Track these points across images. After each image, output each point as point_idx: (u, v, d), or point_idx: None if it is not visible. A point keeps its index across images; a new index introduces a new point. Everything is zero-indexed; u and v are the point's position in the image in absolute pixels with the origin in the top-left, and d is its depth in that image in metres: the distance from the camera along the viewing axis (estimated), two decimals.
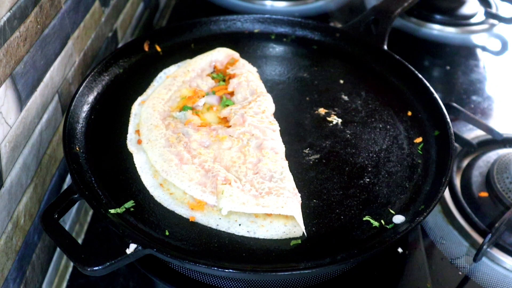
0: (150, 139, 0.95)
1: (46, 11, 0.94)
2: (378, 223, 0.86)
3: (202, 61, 1.15)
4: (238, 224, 0.84)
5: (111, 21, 1.34)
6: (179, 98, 1.05)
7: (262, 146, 0.94)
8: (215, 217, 0.85)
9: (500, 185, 1.07)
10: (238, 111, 1.00)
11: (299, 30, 1.30)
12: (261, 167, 0.90)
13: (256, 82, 1.09)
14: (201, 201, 0.86)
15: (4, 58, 0.80)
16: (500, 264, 0.99)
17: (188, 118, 0.99)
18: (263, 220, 0.84)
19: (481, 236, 1.02)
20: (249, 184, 0.87)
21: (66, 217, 1.08)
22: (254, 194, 0.85)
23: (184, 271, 0.92)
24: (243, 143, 0.94)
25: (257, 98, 1.04)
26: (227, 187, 0.85)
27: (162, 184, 0.89)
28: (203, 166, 0.90)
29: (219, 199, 0.84)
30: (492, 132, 1.19)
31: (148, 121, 0.98)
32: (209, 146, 0.94)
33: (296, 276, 0.87)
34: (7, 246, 0.85)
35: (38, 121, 0.96)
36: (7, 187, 0.85)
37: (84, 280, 0.93)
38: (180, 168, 0.89)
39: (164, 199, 0.87)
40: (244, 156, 0.92)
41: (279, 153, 0.94)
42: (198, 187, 0.86)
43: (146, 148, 0.94)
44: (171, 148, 0.92)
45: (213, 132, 0.97)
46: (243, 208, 0.83)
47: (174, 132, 0.96)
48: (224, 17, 1.29)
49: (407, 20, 1.66)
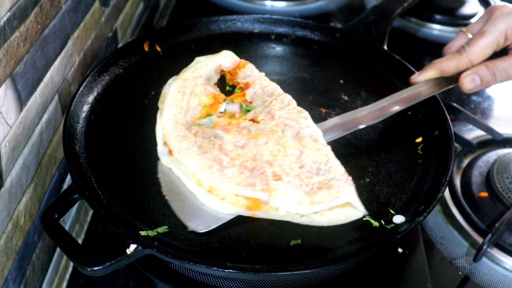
0: (181, 148, 0.91)
1: (46, 11, 0.94)
2: (378, 223, 0.86)
3: (208, 67, 1.11)
4: (300, 216, 0.84)
5: (111, 21, 1.34)
6: (199, 106, 1.02)
7: (300, 135, 0.92)
8: (275, 213, 0.85)
9: (500, 185, 1.07)
10: (263, 110, 0.99)
11: (299, 30, 1.30)
12: (305, 160, 0.88)
13: (271, 85, 1.07)
14: (256, 199, 0.85)
15: (4, 58, 0.80)
16: (500, 264, 0.99)
17: (214, 121, 0.98)
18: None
19: (481, 236, 1.02)
20: (298, 179, 0.86)
21: (66, 217, 1.08)
22: (305, 191, 0.84)
23: (184, 271, 0.92)
24: (279, 134, 0.92)
25: (277, 97, 1.03)
26: (280, 184, 0.84)
27: (210, 190, 0.86)
28: (245, 166, 0.87)
29: (273, 198, 0.83)
30: (492, 132, 1.19)
31: (174, 133, 0.94)
32: (244, 146, 0.91)
33: (296, 276, 0.87)
34: (7, 246, 0.85)
35: (38, 121, 0.96)
36: (7, 187, 0.85)
37: (84, 280, 0.93)
38: (223, 173, 0.86)
39: (218, 205, 0.85)
40: (284, 149, 0.90)
41: (318, 140, 0.92)
42: (247, 188, 0.84)
43: (179, 158, 0.90)
44: (207, 154, 0.89)
45: (244, 130, 0.94)
46: (299, 208, 0.83)
47: (204, 138, 0.93)
48: (224, 17, 1.29)
49: (407, 20, 1.66)
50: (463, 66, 0.99)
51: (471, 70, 0.98)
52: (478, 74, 0.97)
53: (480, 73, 0.97)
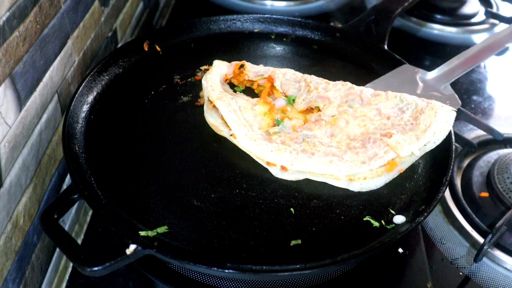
0: (290, 160, 0.92)
1: (46, 10, 0.94)
2: (379, 223, 0.86)
3: (216, 80, 1.09)
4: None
5: (111, 20, 1.34)
6: (259, 117, 1.01)
7: (364, 100, 1.00)
8: (411, 158, 0.94)
9: (500, 185, 1.07)
10: (308, 96, 1.03)
11: (299, 30, 1.30)
12: (386, 111, 0.98)
13: (288, 71, 1.10)
14: (390, 161, 0.92)
15: (3, 58, 0.80)
16: (500, 264, 0.99)
17: (291, 125, 1.00)
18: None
19: (482, 236, 1.02)
20: (398, 127, 0.96)
21: (66, 217, 1.08)
22: (410, 129, 0.95)
23: (184, 271, 0.92)
24: (350, 111, 0.99)
25: (306, 79, 1.07)
26: (394, 137, 0.92)
27: (351, 179, 0.91)
28: (354, 147, 0.93)
29: (400, 149, 0.91)
30: (492, 132, 1.19)
31: (266, 151, 0.94)
32: (334, 134, 0.97)
33: (296, 276, 0.87)
34: (6, 247, 0.85)
35: (38, 121, 0.96)
36: (6, 187, 0.84)
37: (84, 281, 0.93)
38: (346, 161, 0.91)
39: (374, 182, 0.91)
40: (365, 116, 0.98)
41: (377, 93, 1.01)
42: (376, 160, 0.91)
43: (300, 168, 0.91)
44: (319, 154, 0.92)
45: (322, 122, 0.98)
46: (420, 142, 0.93)
47: (297, 143, 0.95)
48: (224, 17, 1.29)
49: (408, 20, 1.66)
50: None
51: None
52: None
53: None
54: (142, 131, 1.01)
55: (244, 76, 1.12)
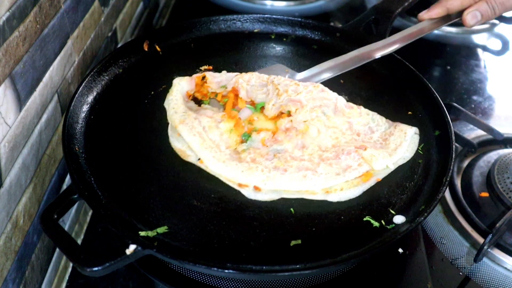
0: (263, 179, 0.89)
1: (46, 10, 0.94)
2: (379, 223, 0.86)
3: (179, 100, 1.04)
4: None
5: (111, 20, 1.34)
6: (225, 135, 0.96)
7: (338, 109, 0.99)
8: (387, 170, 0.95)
9: (500, 185, 1.06)
10: (277, 101, 0.99)
11: (299, 30, 1.30)
12: (357, 128, 0.98)
13: (252, 75, 1.06)
14: (365, 172, 0.92)
15: (3, 58, 0.80)
16: (501, 264, 0.99)
17: (259, 139, 0.95)
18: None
19: (482, 236, 1.02)
20: (373, 143, 0.96)
21: (66, 217, 1.08)
22: (381, 147, 0.95)
23: (184, 271, 0.92)
24: (323, 118, 0.97)
25: (274, 82, 1.03)
26: (368, 151, 0.92)
27: (328, 191, 0.90)
28: (327, 158, 0.92)
29: (375, 162, 0.91)
30: (492, 132, 1.19)
31: (237, 171, 0.90)
32: (306, 145, 0.94)
33: (296, 276, 0.87)
34: (6, 247, 0.85)
35: (38, 121, 0.96)
36: (6, 187, 0.84)
37: (84, 281, 0.93)
38: (320, 174, 0.90)
39: (350, 193, 0.90)
40: (337, 128, 0.97)
41: (352, 105, 1.01)
42: (351, 172, 0.90)
43: (274, 187, 0.89)
44: (291, 169, 0.90)
45: (292, 130, 0.95)
46: (392, 159, 0.93)
47: (268, 159, 0.92)
48: (224, 17, 1.29)
49: (408, 20, 1.66)
50: (467, 3, 1.10)
51: (472, 7, 1.08)
52: (479, 10, 1.07)
53: (481, 9, 1.07)
54: (142, 131, 1.01)
55: (207, 89, 1.07)
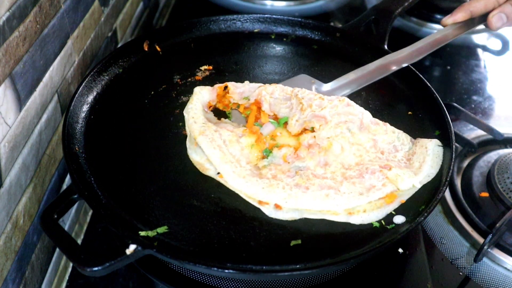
0: (284, 197, 0.86)
1: (46, 10, 0.94)
2: (379, 223, 0.86)
3: (198, 110, 1.01)
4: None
5: (111, 20, 1.34)
6: (245, 149, 0.94)
7: (364, 125, 0.95)
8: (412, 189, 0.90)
9: (500, 185, 1.06)
10: (301, 116, 0.95)
11: (299, 30, 1.30)
12: (382, 146, 0.94)
13: (276, 87, 1.03)
14: (389, 193, 0.87)
15: (3, 58, 0.80)
16: (500, 264, 0.99)
17: (281, 155, 0.92)
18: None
19: (482, 236, 1.02)
20: (397, 162, 0.92)
21: (66, 217, 1.08)
22: (405, 166, 0.92)
23: (184, 271, 0.92)
24: (347, 134, 0.93)
25: (298, 95, 0.99)
26: (395, 170, 0.88)
27: (351, 212, 0.86)
28: (351, 177, 0.88)
29: (400, 182, 0.88)
30: (492, 132, 1.19)
31: (258, 187, 0.87)
32: (328, 163, 0.90)
33: (296, 276, 0.87)
34: (6, 247, 0.85)
35: (38, 121, 0.96)
36: (6, 187, 0.84)
37: (84, 281, 0.93)
38: (343, 193, 0.86)
39: (372, 215, 0.86)
40: (361, 145, 0.93)
41: (378, 122, 0.97)
42: (374, 192, 0.86)
43: (296, 206, 0.86)
44: (313, 188, 0.86)
45: (315, 147, 0.91)
46: (416, 178, 0.89)
47: (289, 176, 0.89)
48: (224, 17, 1.29)
49: (408, 20, 1.66)
50: (491, 6, 1.06)
51: (497, 10, 1.05)
52: (504, 12, 1.04)
53: (506, 11, 1.04)
54: (142, 131, 1.01)
55: (229, 99, 1.05)
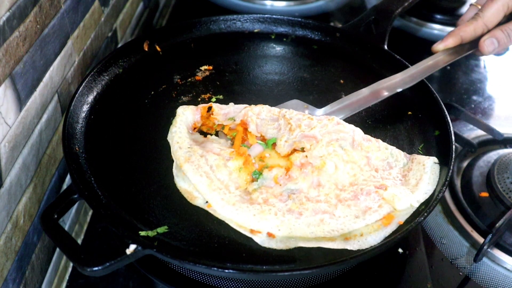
0: (277, 224, 0.82)
1: (46, 10, 0.94)
2: None
3: (183, 133, 0.97)
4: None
5: (111, 20, 1.34)
6: (234, 173, 0.89)
7: (356, 142, 0.92)
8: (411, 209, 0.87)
9: (500, 185, 1.07)
10: (293, 135, 0.92)
11: (299, 30, 1.30)
12: (376, 163, 0.91)
13: (263, 108, 0.99)
14: (387, 215, 0.84)
15: (3, 58, 0.80)
16: (500, 264, 0.99)
17: (271, 177, 0.88)
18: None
19: (482, 236, 1.02)
20: (392, 180, 0.89)
21: (66, 217, 1.08)
22: (401, 183, 0.89)
23: (184, 271, 0.92)
24: (340, 152, 0.89)
25: (285, 116, 0.95)
26: (389, 190, 0.86)
27: (348, 238, 0.82)
28: (345, 199, 0.85)
29: (397, 202, 0.84)
30: (492, 132, 1.19)
31: (249, 215, 0.83)
32: (321, 184, 0.87)
33: (296, 276, 0.87)
34: (6, 247, 0.85)
35: (38, 121, 0.96)
36: (6, 187, 0.84)
37: (84, 281, 0.93)
38: (338, 217, 0.83)
39: (373, 239, 0.81)
40: (355, 163, 0.89)
41: (370, 138, 0.95)
42: (371, 214, 0.83)
43: (292, 234, 0.81)
44: (306, 213, 0.83)
45: (308, 167, 0.87)
46: (415, 196, 0.86)
47: (281, 201, 0.85)
48: (224, 17, 1.29)
49: (408, 20, 1.66)
50: (480, 31, 1.06)
51: (488, 35, 1.06)
52: (495, 37, 1.05)
53: (497, 36, 1.05)
54: (142, 131, 1.01)
55: (213, 121, 1.00)
